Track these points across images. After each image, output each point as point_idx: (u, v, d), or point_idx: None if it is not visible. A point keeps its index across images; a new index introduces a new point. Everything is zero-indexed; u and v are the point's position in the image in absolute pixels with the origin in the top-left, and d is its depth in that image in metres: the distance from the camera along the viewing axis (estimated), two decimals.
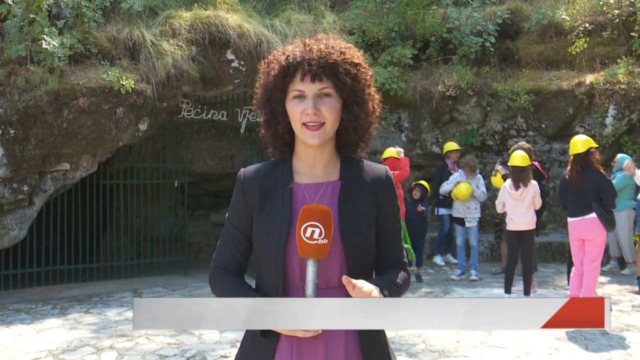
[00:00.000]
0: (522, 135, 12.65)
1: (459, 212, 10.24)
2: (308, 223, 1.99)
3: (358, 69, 2.16)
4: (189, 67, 10.58)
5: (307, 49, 2.12)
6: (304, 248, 2.00)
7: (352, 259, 2.09)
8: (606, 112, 11.85)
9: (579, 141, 7.74)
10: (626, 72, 11.77)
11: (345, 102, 2.14)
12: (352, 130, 2.18)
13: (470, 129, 12.84)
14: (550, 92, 12.21)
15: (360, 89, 2.16)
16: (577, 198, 7.67)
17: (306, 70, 2.07)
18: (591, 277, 7.63)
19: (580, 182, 7.59)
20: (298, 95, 2.10)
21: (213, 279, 2.25)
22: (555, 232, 12.32)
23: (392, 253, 2.25)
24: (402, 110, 13.02)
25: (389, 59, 12.62)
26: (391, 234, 2.23)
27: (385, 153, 9.81)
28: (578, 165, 7.63)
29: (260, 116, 2.24)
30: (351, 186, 2.18)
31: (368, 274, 2.18)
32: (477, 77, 12.80)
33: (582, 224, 7.63)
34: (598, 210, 7.50)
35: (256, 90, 2.25)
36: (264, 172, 2.23)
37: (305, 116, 2.08)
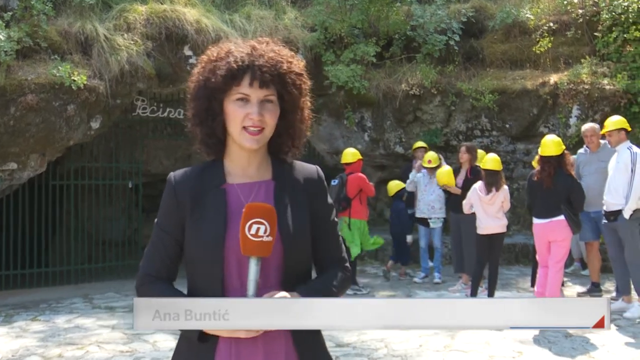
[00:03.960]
0: (486, 135, 12.81)
1: (422, 212, 10.27)
2: (253, 220, 2.03)
3: (301, 79, 2.23)
4: (144, 63, 10.46)
5: (257, 54, 2.16)
6: (248, 246, 2.03)
7: (291, 257, 2.15)
8: (570, 112, 12.07)
9: (551, 143, 7.84)
10: (590, 72, 12.01)
11: (283, 109, 2.20)
12: (287, 136, 2.25)
13: (434, 128, 12.95)
14: (514, 91, 12.39)
15: (299, 98, 2.23)
16: (545, 200, 7.79)
17: (257, 76, 2.12)
18: (556, 278, 7.77)
19: (550, 184, 7.71)
20: (242, 98, 2.14)
21: (142, 287, 2.23)
22: (519, 234, 12.50)
23: (329, 250, 2.32)
24: (365, 109, 13.07)
25: (351, 57, 12.66)
26: (327, 232, 2.31)
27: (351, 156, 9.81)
28: (551, 167, 7.74)
29: (190, 109, 2.25)
30: (284, 186, 2.24)
31: (306, 272, 2.25)
32: (441, 76, 12.91)
33: (550, 226, 7.77)
34: (566, 213, 7.64)
35: (190, 82, 2.26)
36: (195, 175, 2.26)
37: (248, 120, 2.13)
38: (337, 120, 13.13)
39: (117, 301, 9.39)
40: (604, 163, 8.70)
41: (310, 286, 2.18)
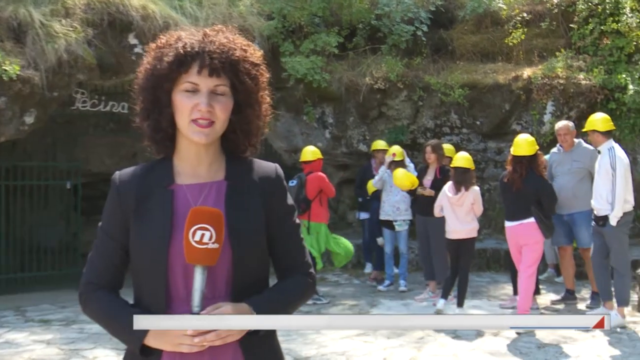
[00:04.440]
0: (456, 133, 12.97)
1: (387, 215, 10.32)
2: (197, 226, 2.02)
3: (257, 70, 2.22)
4: (85, 52, 10.36)
5: (208, 40, 2.15)
6: (192, 253, 2.03)
7: (241, 265, 2.15)
8: (544, 108, 12.30)
9: (524, 142, 8.02)
10: (565, 66, 12.25)
11: (238, 103, 2.19)
12: (242, 133, 2.24)
13: (400, 125, 13.07)
14: (485, 86, 12.56)
15: (255, 91, 2.22)
16: (515, 202, 7.98)
17: (206, 63, 2.10)
18: (527, 283, 7.94)
19: (520, 185, 7.88)
20: (190, 88, 2.12)
21: (83, 296, 2.23)
22: (490, 238, 12.67)
23: (290, 255, 2.32)
24: (326, 104, 13.14)
25: (312, 48, 12.71)
26: (287, 235, 2.30)
27: (311, 155, 9.86)
28: (522, 168, 7.91)
29: (139, 103, 2.25)
30: (238, 186, 2.23)
31: (261, 280, 2.24)
32: (407, 69, 13.03)
33: (520, 229, 7.94)
34: (537, 216, 7.81)
35: (138, 73, 2.26)
36: (141, 174, 2.25)
37: (197, 112, 2.11)
38: (295, 115, 13.17)
39: (52, 314, 9.28)
40: (578, 163, 8.90)
41: (264, 296, 2.18)
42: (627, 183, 7.92)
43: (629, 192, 7.94)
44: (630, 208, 8.01)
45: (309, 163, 9.82)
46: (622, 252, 7.96)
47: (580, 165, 8.93)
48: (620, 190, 7.81)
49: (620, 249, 7.95)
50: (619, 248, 7.95)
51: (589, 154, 8.94)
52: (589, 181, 8.86)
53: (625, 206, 7.89)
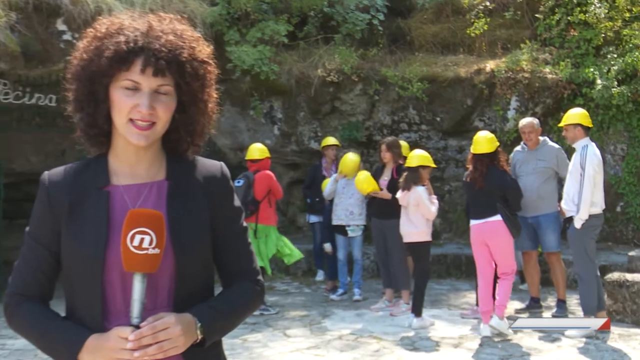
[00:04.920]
0: (414, 130, 13.08)
1: (339, 219, 10.36)
2: (136, 229, 2.00)
3: (205, 68, 2.22)
4: (7, 38, 10.19)
5: (153, 35, 2.12)
6: (131, 260, 2.01)
7: (185, 272, 2.14)
8: (508, 104, 12.48)
9: (484, 139, 8.21)
10: (530, 59, 12.45)
11: (181, 102, 2.18)
12: (185, 132, 2.24)
13: (354, 121, 13.13)
14: (446, 79, 12.69)
15: (201, 89, 2.22)
16: (479, 200, 8.18)
17: (150, 62, 2.08)
18: (504, 286, 8.13)
19: (482, 184, 8.07)
20: (131, 86, 2.10)
21: (9, 308, 2.20)
22: (450, 243, 12.82)
23: (237, 261, 2.33)
24: (275, 98, 13.13)
25: (259, 36, 12.68)
26: (234, 239, 2.31)
27: (258, 153, 9.86)
28: (483, 166, 8.11)
29: (71, 91, 2.21)
30: (181, 186, 2.23)
31: (205, 289, 2.24)
32: (363, 61, 13.10)
33: (485, 227, 8.13)
34: (503, 213, 7.98)
35: (72, 59, 2.21)
36: (74, 174, 2.22)
37: (137, 113, 2.09)
38: (241, 110, 13.14)
39: None
40: (543, 162, 9.05)
41: (209, 306, 2.17)
42: (597, 184, 8.07)
43: (597, 194, 8.10)
44: (599, 211, 8.16)
45: (256, 162, 9.81)
46: (586, 257, 8.11)
47: (545, 165, 9.09)
48: (587, 191, 7.96)
49: (584, 254, 8.11)
50: (583, 253, 8.11)
51: (554, 152, 9.13)
52: (554, 181, 9.05)
53: (592, 209, 8.04)
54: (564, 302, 9.18)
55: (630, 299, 8.56)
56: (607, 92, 11.56)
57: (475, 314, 8.96)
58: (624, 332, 8.13)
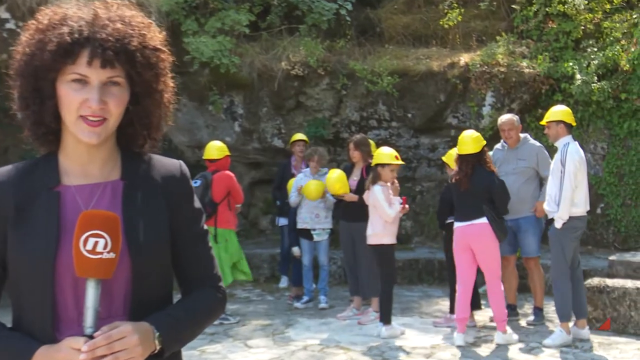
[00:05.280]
0: (384, 127, 13.12)
1: (304, 222, 10.37)
2: (89, 232, 1.99)
3: (158, 56, 2.20)
4: None
5: (99, 23, 2.09)
6: (84, 265, 1.99)
7: (142, 278, 2.14)
8: (483, 100, 12.57)
9: (469, 139, 8.28)
10: (506, 52, 12.54)
11: (135, 93, 2.17)
12: (141, 126, 2.23)
13: (320, 117, 13.13)
14: (417, 74, 12.73)
15: (155, 79, 2.20)
16: (465, 202, 8.27)
17: (97, 53, 2.05)
18: (496, 292, 8.24)
19: (467, 186, 8.16)
20: (79, 79, 2.08)
21: None
22: (422, 247, 12.86)
23: (197, 267, 2.32)
24: (236, 93, 13.09)
25: (218, 27, 12.63)
26: (194, 243, 2.31)
27: (217, 151, 9.84)
28: (468, 167, 8.19)
29: (16, 88, 2.18)
30: (137, 186, 2.22)
31: (163, 296, 2.24)
32: (329, 53, 13.10)
33: (470, 230, 8.20)
34: (489, 215, 8.07)
35: (15, 54, 2.18)
36: (20, 174, 2.21)
37: (87, 109, 2.07)
38: (199, 105, 13.09)
39: None
40: (524, 162, 9.11)
41: (168, 314, 2.17)
42: (579, 184, 8.14)
43: (579, 194, 8.17)
44: (581, 213, 8.22)
45: (215, 161, 9.78)
46: (562, 260, 8.19)
47: (526, 164, 9.14)
48: (567, 189, 8.03)
49: (561, 257, 8.20)
50: (560, 255, 8.20)
51: (535, 151, 9.19)
52: (535, 182, 9.09)
53: (574, 210, 8.11)
54: (541, 310, 9.26)
55: (611, 306, 8.66)
56: (586, 88, 11.66)
57: (449, 322, 9.03)
58: (604, 341, 8.24)
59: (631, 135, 11.99)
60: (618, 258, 9.79)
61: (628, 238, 12.10)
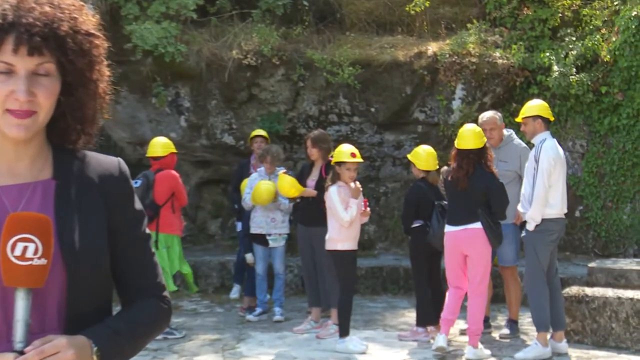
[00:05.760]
0: (345, 122, 13.13)
1: (259, 227, 10.34)
2: (18, 236, 1.96)
3: (91, 42, 2.17)
4: None
5: (26, 7, 2.06)
6: (12, 272, 1.96)
7: (78, 287, 2.11)
8: (453, 93, 12.64)
9: (471, 133, 8.30)
10: (478, 41, 12.61)
11: (67, 82, 2.14)
12: (74, 119, 2.20)
13: (275, 112, 13.10)
14: (381, 64, 12.75)
15: (89, 67, 2.17)
16: (460, 203, 8.29)
17: (23, 39, 2.02)
18: (477, 304, 8.27)
19: (466, 185, 8.16)
20: (4, 69, 2.05)
21: None
22: (386, 253, 12.89)
23: (139, 274, 2.31)
24: (182, 84, 13.03)
25: (163, 11, 12.55)
26: (135, 249, 2.29)
27: (161, 148, 9.79)
28: (469, 164, 8.18)
29: None
30: (71, 186, 2.19)
31: (102, 307, 2.21)
32: (285, 41, 13.07)
33: (464, 235, 8.24)
34: (484, 220, 8.11)
35: None
36: None
37: (13, 101, 2.04)
38: (142, 97, 13.00)
39: None
40: (506, 164, 9.07)
41: (108, 327, 2.14)
42: (554, 183, 8.21)
43: (555, 194, 8.23)
44: (557, 215, 8.31)
45: (159, 159, 9.73)
46: (537, 266, 8.26)
47: (508, 167, 9.10)
48: (539, 186, 8.09)
49: (535, 263, 8.27)
50: (534, 261, 8.28)
51: (519, 152, 9.17)
52: (517, 186, 8.94)
53: (549, 211, 8.18)
54: (516, 323, 9.32)
55: (590, 317, 8.73)
56: (564, 80, 11.78)
57: (415, 336, 9.08)
58: (583, 355, 8.32)
59: (612, 132, 12.12)
60: (598, 265, 9.83)
61: (609, 243, 12.24)
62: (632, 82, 11.79)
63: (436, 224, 8.83)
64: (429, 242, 8.92)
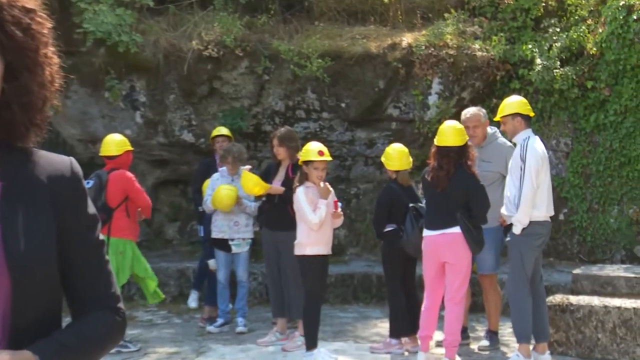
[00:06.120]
0: (314, 118, 13.13)
1: (221, 231, 10.33)
2: None
3: (32, 18, 2.12)
4: None
5: None
6: None
7: (25, 297, 2.08)
8: (429, 87, 12.66)
9: (451, 130, 8.30)
10: (456, 32, 12.64)
11: (10, 66, 2.09)
12: (20, 108, 2.14)
13: (238, 107, 13.09)
14: (353, 56, 12.75)
15: (33, 48, 2.12)
16: (439, 206, 8.29)
17: None
18: (455, 313, 8.26)
19: (446, 185, 8.17)
20: None
21: None
22: (358, 259, 12.89)
23: (91, 284, 2.28)
24: (137, 77, 12.98)
25: None
26: (86, 258, 2.26)
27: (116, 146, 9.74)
28: (450, 163, 8.18)
29: None
30: (17, 188, 2.15)
31: (50, 320, 2.18)
32: (249, 31, 13.06)
33: (442, 240, 8.25)
34: (463, 224, 8.12)
35: None
36: None
37: None
38: (93, 91, 12.93)
39: None
40: (489, 164, 9.08)
41: (56, 340, 2.11)
42: (541, 184, 8.23)
43: (542, 195, 8.26)
44: (544, 217, 8.34)
45: (114, 158, 9.68)
46: (521, 272, 8.28)
47: (492, 168, 9.10)
48: (527, 187, 8.10)
49: (519, 269, 8.30)
50: (519, 266, 8.30)
51: (504, 152, 9.12)
52: (500, 188, 8.94)
53: (536, 213, 8.20)
54: (496, 334, 9.35)
55: (575, 327, 8.77)
56: (548, 74, 11.83)
57: (388, 348, 9.10)
58: None
59: (598, 130, 12.18)
60: (583, 272, 9.89)
61: (595, 248, 12.31)
62: (619, 76, 11.84)
63: (410, 228, 8.82)
64: (403, 248, 8.93)
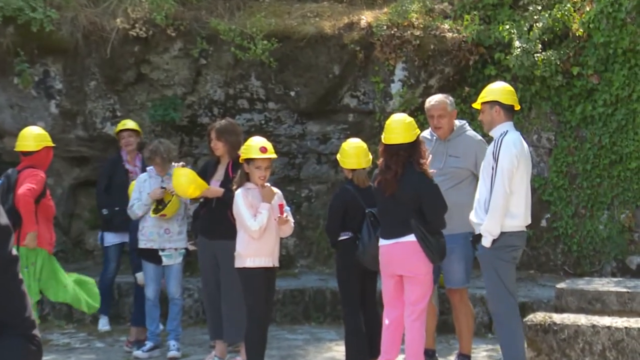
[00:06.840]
0: (258, 109, 13.13)
1: (150, 240, 10.26)
2: None
3: None
4: None
5: None
6: None
7: None
8: (392, 74, 12.70)
9: (400, 125, 8.28)
10: (422, 11, 12.67)
11: None
12: None
13: (171, 96, 13.06)
14: (303, 37, 12.76)
15: None
16: (390, 212, 8.29)
17: None
18: (415, 329, 8.24)
19: (395, 188, 8.14)
20: None
21: None
22: (309, 272, 12.91)
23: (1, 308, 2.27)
24: (52, 60, 12.93)
25: None
26: None
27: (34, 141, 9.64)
28: (399, 163, 8.14)
29: None
30: None
31: None
32: (183, 8, 13.05)
33: (396, 250, 8.24)
34: (418, 231, 8.09)
35: None
36: None
37: None
38: (1, 77, 12.84)
39: None
40: (456, 160, 9.06)
41: None
42: (517, 188, 8.12)
43: (517, 201, 8.15)
44: (519, 227, 8.29)
45: (31, 155, 9.57)
46: (502, 289, 8.25)
47: (460, 164, 9.07)
48: (498, 191, 7.99)
49: (499, 285, 8.26)
50: (497, 283, 8.25)
51: (474, 146, 9.12)
52: (470, 187, 8.92)
53: (510, 222, 8.10)
54: (468, 358, 9.33)
55: (559, 350, 8.77)
56: (528, 59, 11.83)
57: None
58: None
59: (585, 123, 12.23)
60: (568, 286, 9.89)
61: (581, 259, 12.36)
62: (609, 61, 11.90)
63: (367, 236, 8.73)
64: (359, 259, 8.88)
